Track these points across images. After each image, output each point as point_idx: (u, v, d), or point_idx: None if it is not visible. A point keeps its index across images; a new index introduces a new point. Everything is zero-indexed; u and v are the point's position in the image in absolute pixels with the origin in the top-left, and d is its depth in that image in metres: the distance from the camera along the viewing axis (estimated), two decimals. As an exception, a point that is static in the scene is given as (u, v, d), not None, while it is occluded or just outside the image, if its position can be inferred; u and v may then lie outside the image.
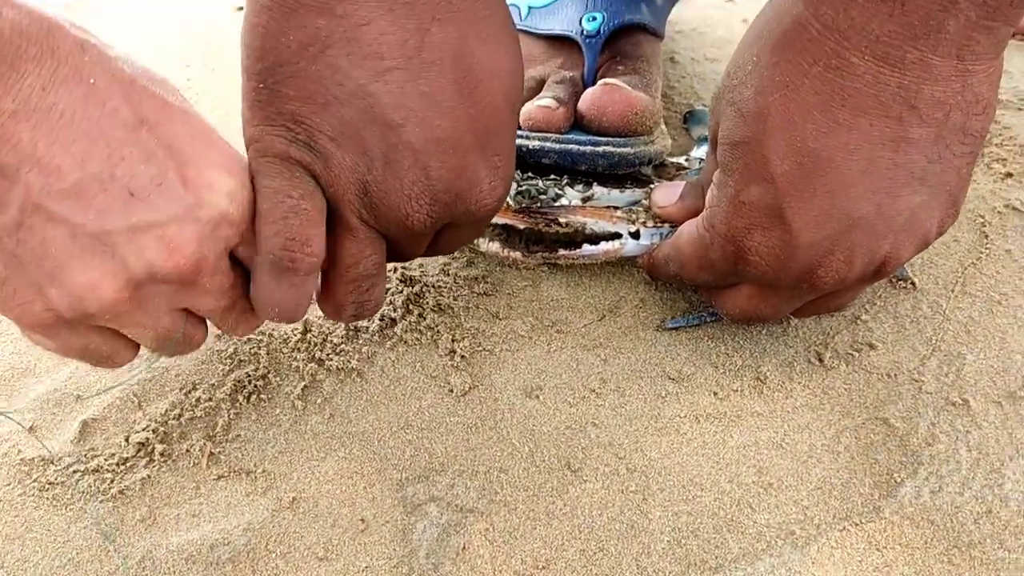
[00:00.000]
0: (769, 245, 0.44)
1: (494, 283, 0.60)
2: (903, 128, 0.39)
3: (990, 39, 0.37)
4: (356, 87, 0.37)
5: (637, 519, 0.47)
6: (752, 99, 0.42)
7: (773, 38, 0.41)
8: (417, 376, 0.54)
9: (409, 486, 0.49)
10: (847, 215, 0.41)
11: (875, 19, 0.37)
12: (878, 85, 0.38)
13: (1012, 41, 0.86)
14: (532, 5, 0.64)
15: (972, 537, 0.45)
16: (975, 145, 0.40)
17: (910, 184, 0.41)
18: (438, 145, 0.39)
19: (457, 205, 0.42)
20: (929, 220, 0.42)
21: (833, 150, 0.40)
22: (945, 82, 0.38)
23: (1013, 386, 0.51)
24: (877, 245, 0.42)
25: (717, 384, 0.53)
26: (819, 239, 0.42)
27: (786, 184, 0.42)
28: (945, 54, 0.37)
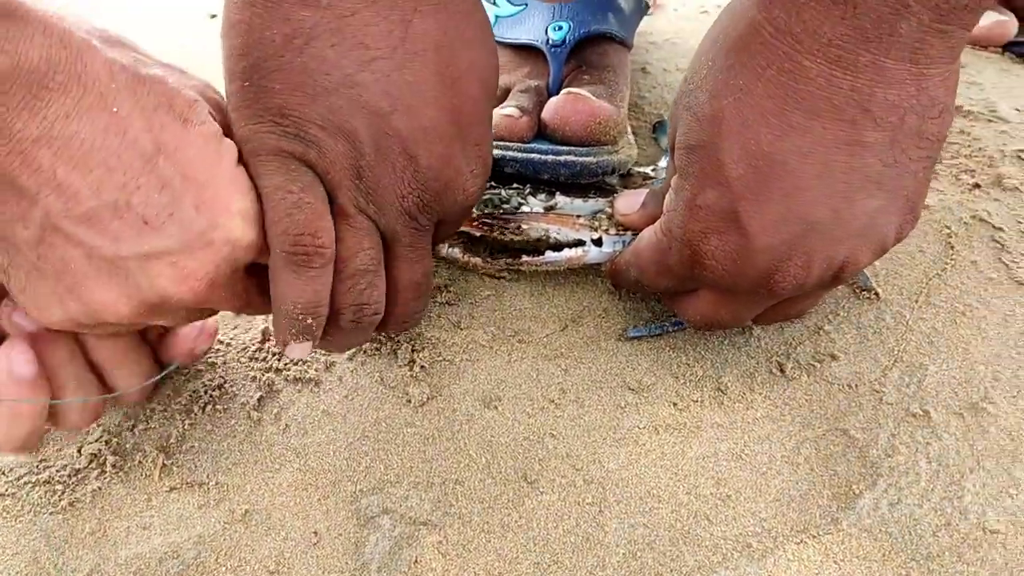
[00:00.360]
0: (725, 249, 0.43)
1: (457, 292, 0.59)
2: (857, 131, 0.39)
3: (944, 43, 0.36)
4: (343, 76, 0.38)
5: (593, 531, 0.46)
6: (707, 103, 0.42)
7: (728, 42, 0.41)
8: (375, 386, 0.54)
9: (363, 498, 0.48)
10: (803, 219, 0.41)
11: (827, 22, 0.37)
12: (831, 88, 0.38)
13: (983, 53, 0.86)
14: (499, 14, 0.64)
15: (931, 550, 0.45)
16: (932, 150, 0.40)
17: (866, 188, 0.40)
18: (425, 134, 0.40)
19: (446, 195, 0.42)
20: (887, 225, 0.42)
21: (787, 154, 0.40)
22: (899, 86, 0.37)
23: (975, 397, 0.51)
24: (834, 250, 0.42)
25: (677, 395, 0.52)
26: (775, 243, 0.42)
27: (741, 188, 0.41)
28: (898, 57, 0.37)
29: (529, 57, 0.63)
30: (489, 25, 0.44)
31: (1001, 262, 0.59)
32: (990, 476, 0.47)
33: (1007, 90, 0.78)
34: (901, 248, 0.60)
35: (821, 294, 0.48)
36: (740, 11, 0.41)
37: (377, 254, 0.43)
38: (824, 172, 0.40)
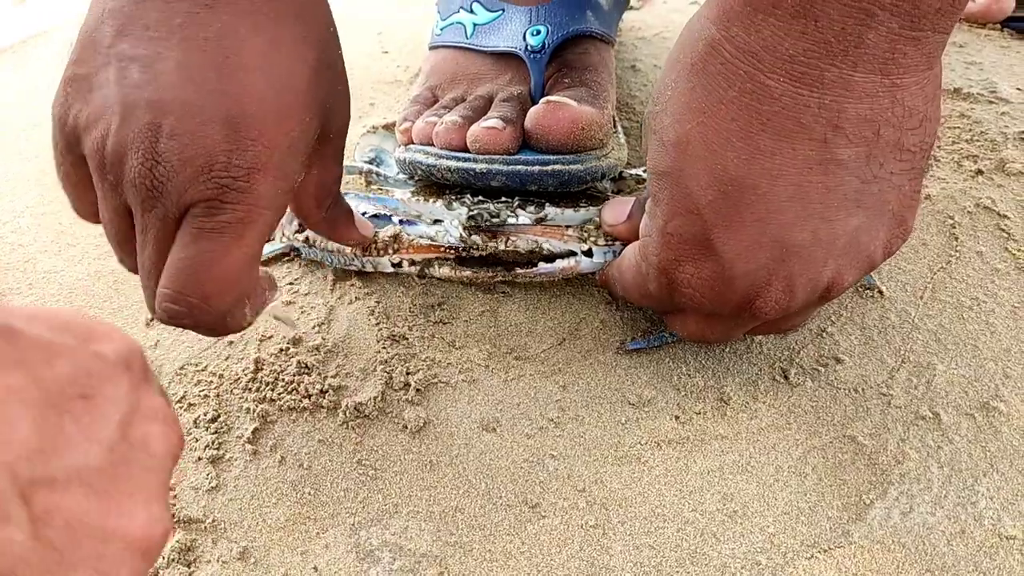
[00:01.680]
0: (702, 277, 0.42)
1: (451, 310, 0.58)
2: (829, 150, 0.37)
3: (918, 50, 0.35)
4: (118, 51, 0.39)
5: (597, 555, 0.45)
6: (671, 127, 0.40)
7: (688, 62, 0.39)
8: (372, 412, 0.52)
9: (362, 530, 0.47)
10: (780, 243, 0.39)
11: (788, 38, 0.35)
12: (797, 107, 0.36)
13: (981, 31, 0.84)
14: (476, 22, 0.62)
15: (945, 560, 0.43)
16: (915, 161, 0.38)
17: (845, 207, 0.38)
18: (178, 106, 0.38)
19: (185, 174, 0.38)
20: (872, 242, 0.40)
21: (757, 177, 0.38)
22: (871, 99, 0.36)
23: (985, 396, 0.50)
24: (818, 272, 0.40)
25: (679, 407, 0.51)
26: (754, 269, 0.40)
27: (712, 215, 0.40)
28: (868, 70, 0.35)
29: (510, 64, 0.61)
30: (320, 41, 0.42)
31: (1007, 251, 0.57)
32: (1004, 479, 0.46)
33: (1007, 68, 0.77)
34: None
35: (811, 312, 0.47)
36: (698, 29, 0.39)
37: (121, 223, 0.42)
38: (798, 194, 0.38)
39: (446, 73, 0.64)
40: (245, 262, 0.41)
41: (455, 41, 0.64)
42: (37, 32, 1.07)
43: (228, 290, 0.41)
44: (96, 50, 0.40)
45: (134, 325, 0.60)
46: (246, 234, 0.40)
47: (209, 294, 0.40)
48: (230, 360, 0.56)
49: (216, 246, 0.39)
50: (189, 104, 0.38)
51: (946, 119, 0.69)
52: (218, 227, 0.39)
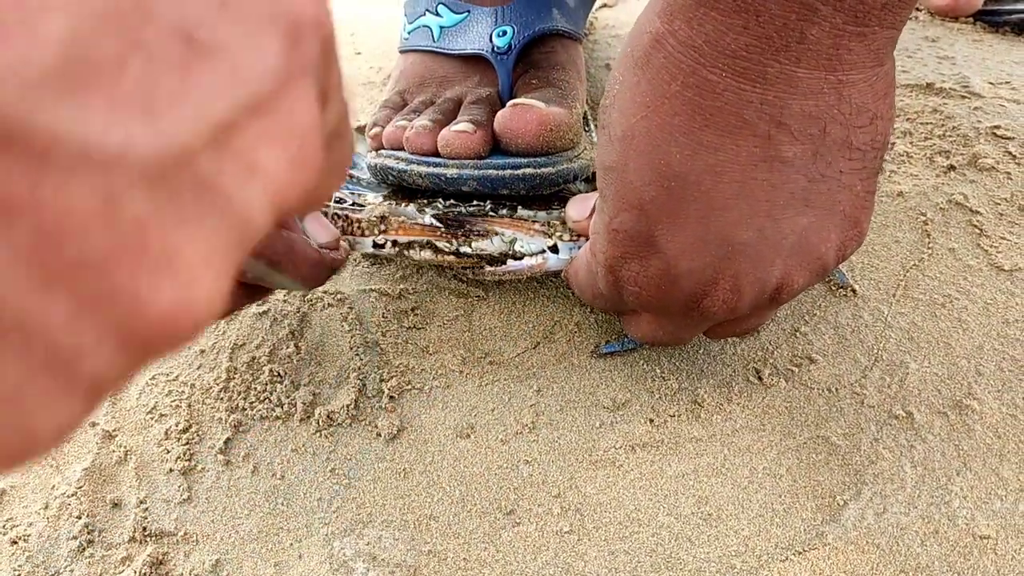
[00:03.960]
0: (647, 275, 0.41)
1: (424, 315, 0.58)
2: (773, 147, 0.36)
3: (865, 46, 0.34)
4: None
5: (572, 561, 0.45)
6: (617, 122, 0.39)
7: (634, 56, 0.38)
8: (344, 420, 0.52)
9: (336, 540, 0.47)
10: (726, 241, 0.38)
11: (729, 33, 0.34)
12: (740, 103, 0.35)
13: (954, 24, 0.84)
14: (443, 25, 0.62)
15: (920, 560, 0.43)
16: (867, 160, 0.37)
17: (793, 205, 0.38)
18: None
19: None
20: (823, 243, 0.39)
21: (700, 173, 0.37)
22: (816, 96, 0.35)
23: (959, 394, 0.50)
24: (765, 271, 0.39)
25: (653, 410, 0.51)
26: (699, 267, 0.39)
27: (655, 211, 0.39)
28: (811, 66, 0.34)
29: (478, 66, 0.61)
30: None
31: (980, 247, 0.57)
32: (977, 478, 0.46)
33: (980, 62, 0.77)
34: (876, 239, 0.59)
35: (766, 314, 0.46)
36: (645, 23, 0.38)
37: None
38: (743, 191, 0.37)
39: (415, 77, 0.63)
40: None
41: (423, 45, 0.63)
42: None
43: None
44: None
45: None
46: None
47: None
48: (202, 369, 0.56)
49: None
50: None
51: (918, 114, 0.69)
52: None
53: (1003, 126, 0.66)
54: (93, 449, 0.52)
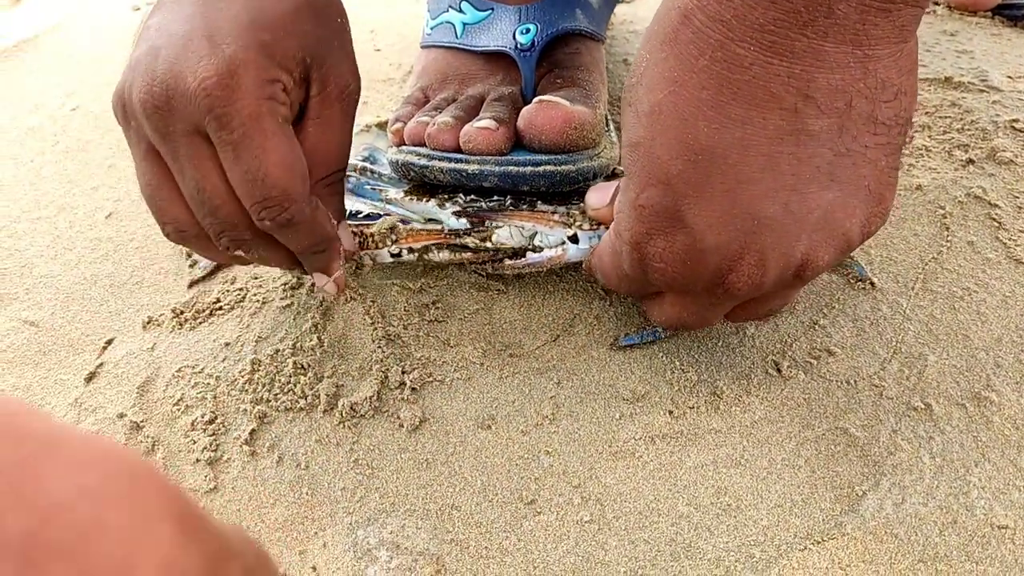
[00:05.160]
0: (673, 251, 0.41)
1: (445, 308, 0.58)
2: (800, 120, 0.36)
3: (890, 22, 0.34)
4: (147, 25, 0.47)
5: (593, 551, 0.45)
6: (644, 97, 0.40)
7: (662, 32, 0.39)
8: (368, 411, 0.53)
9: (359, 529, 0.48)
10: (752, 215, 0.38)
11: (758, 7, 0.34)
12: (768, 76, 0.35)
13: (972, 18, 0.84)
14: (466, 21, 0.62)
15: (938, 550, 0.44)
16: (891, 136, 0.37)
17: (818, 180, 0.38)
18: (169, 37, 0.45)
19: (180, 82, 0.43)
20: (849, 219, 0.39)
21: (728, 147, 0.37)
22: (842, 70, 0.35)
23: (977, 386, 0.50)
24: (791, 246, 0.40)
25: (672, 402, 0.51)
26: (725, 242, 0.40)
27: (682, 185, 0.39)
28: (838, 40, 0.34)
29: (500, 63, 0.62)
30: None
31: (999, 240, 0.58)
32: (996, 469, 0.46)
33: (998, 57, 0.77)
34: (895, 233, 0.59)
35: (790, 293, 0.46)
36: (672, 1, 0.38)
37: (150, 167, 0.47)
38: (769, 164, 0.37)
39: (437, 73, 0.64)
40: (288, 147, 0.46)
41: (445, 41, 0.64)
42: (29, 37, 1.07)
43: (293, 175, 0.46)
44: (139, 33, 0.46)
45: (131, 328, 0.61)
46: (267, 125, 0.44)
47: (283, 186, 0.45)
48: (227, 362, 0.57)
49: (254, 147, 0.44)
50: (176, 36, 0.44)
51: (937, 108, 0.69)
52: (241, 131, 0.44)
53: (1022, 120, 0.66)
54: (121, 440, 0.53)
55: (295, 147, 0.46)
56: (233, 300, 0.61)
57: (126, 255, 0.68)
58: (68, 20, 1.12)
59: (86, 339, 0.61)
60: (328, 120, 0.49)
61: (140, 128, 0.45)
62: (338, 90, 0.49)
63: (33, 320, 0.63)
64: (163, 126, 0.44)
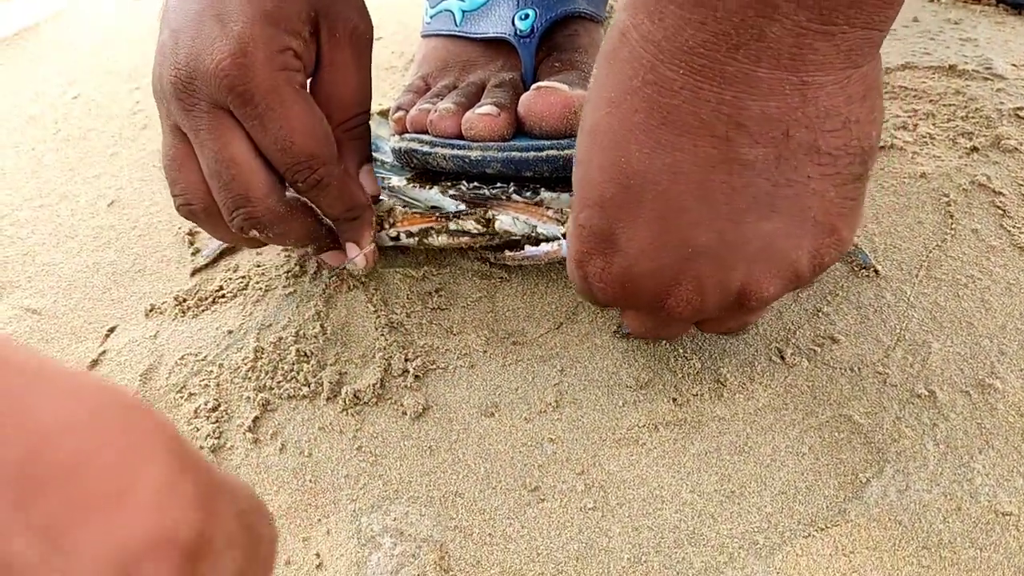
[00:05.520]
0: (611, 273, 0.40)
1: (448, 296, 0.58)
2: (732, 149, 0.34)
3: (832, 46, 0.32)
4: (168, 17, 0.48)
5: (596, 538, 0.46)
6: (587, 115, 0.38)
7: (604, 50, 0.37)
8: (371, 399, 0.53)
9: (363, 516, 0.48)
10: (685, 243, 0.37)
11: (688, 28, 0.32)
12: (697, 102, 0.34)
13: (976, 7, 0.84)
14: (465, 9, 0.62)
15: (942, 537, 0.44)
16: (840, 166, 0.35)
17: (756, 210, 0.36)
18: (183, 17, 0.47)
19: (198, 70, 0.45)
20: (794, 250, 0.37)
21: (658, 173, 0.36)
22: (778, 97, 0.33)
23: (981, 374, 0.50)
24: (727, 276, 0.38)
25: (676, 390, 0.51)
26: (659, 268, 0.38)
27: (615, 209, 0.38)
28: (772, 65, 0.32)
29: (500, 50, 0.61)
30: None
31: (1003, 228, 0.57)
32: (1000, 456, 0.46)
33: (1003, 45, 0.76)
34: (899, 220, 0.59)
35: (746, 317, 0.44)
36: (617, 16, 0.37)
37: (173, 140, 0.49)
38: (701, 193, 0.36)
39: (437, 61, 0.64)
40: (308, 113, 0.48)
41: (445, 29, 0.64)
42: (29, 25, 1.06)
43: (317, 139, 0.48)
44: (162, 15, 0.49)
45: (133, 316, 0.61)
46: (285, 96, 0.47)
47: (310, 150, 0.48)
48: (230, 349, 0.57)
49: (277, 117, 0.46)
50: (191, 14, 0.46)
51: (941, 96, 0.69)
52: (263, 105, 0.46)
53: (1027, 107, 0.65)
54: (124, 427, 0.53)
55: (315, 112, 0.48)
56: (236, 288, 0.61)
57: (128, 243, 0.68)
58: (69, 8, 1.12)
59: (88, 327, 0.61)
60: (341, 65, 0.50)
61: (170, 109, 0.48)
62: (347, 34, 0.50)
63: (35, 308, 0.63)
64: (189, 105, 0.46)
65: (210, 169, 0.47)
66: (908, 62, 0.73)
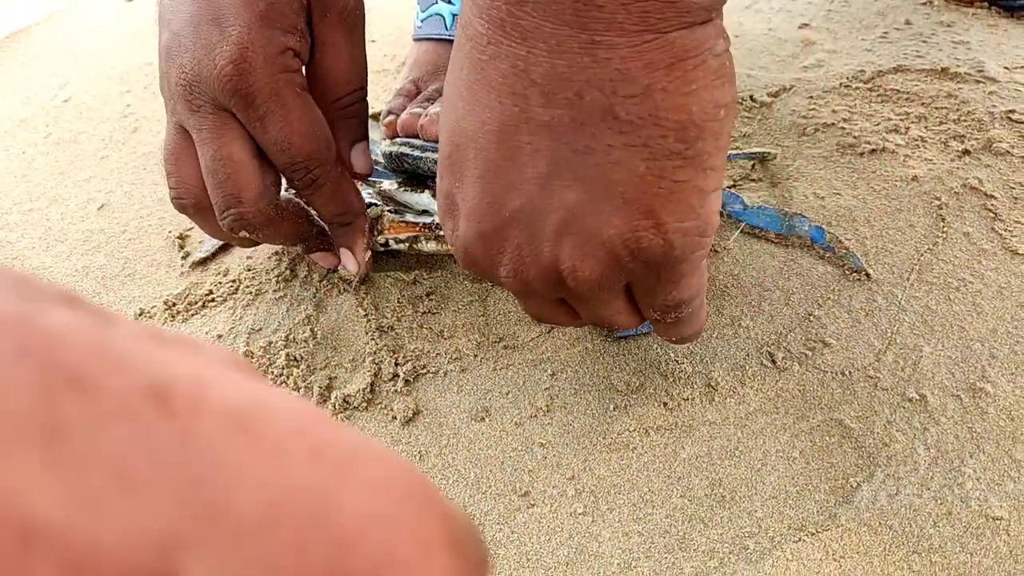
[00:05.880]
0: (456, 237, 0.40)
1: (439, 300, 0.58)
2: (531, 108, 0.33)
3: (621, 5, 0.30)
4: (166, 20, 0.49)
5: (586, 542, 0.45)
6: (446, 81, 0.39)
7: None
8: (360, 404, 0.53)
9: (352, 522, 0.47)
10: (501, 206, 0.36)
11: None
12: (500, 57, 0.33)
13: (969, 9, 0.84)
14: (455, 12, 0.62)
15: (932, 541, 0.43)
16: (647, 139, 0.33)
17: (559, 176, 0.34)
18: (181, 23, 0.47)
19: (202, 72, 0.46)
20: (603, 227, 0.35)
21: (476, 131, 0.35)
22: (567, 55, 0.32)
23: (972, 377, 0.50)
24: (540, 247, 0.37)
25: (667, 394, 0.51)
26: (485, 232, 0.38)
27: (450, 168, 0.38)
28: (557, 21, 0.31)
29: None
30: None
31: (995, 231, 0.57)
32: (991, 460, 0.46)
33: (995, 47, 0.76)
34: (891, 223, 0.59)
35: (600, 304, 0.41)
36: None
37: (176, 136, 0.50)
38: (511, 153, 0.35)
39: (428, 65, 0.63)
40: (308, 116, 0.49)
41: (436, 33, 0.64)
42: (21, 28, 1.06)
43: (315, 141, 0.49)
44: (159, 14, 0.49)
45: (123, 320, 0.60)
46: (286, 98, 0.47)
47: (308, 151, 0.49)
48: (219, 354, 0.56)
49: (277, 119, 0.47)
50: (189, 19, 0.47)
51: (933, 99, 0.69)
52: (264, 108, 0.47)
53: (1018, 110, 0.65)
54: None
55: (314, 114, 0.49)
56: (226, 291, 0.61)
57: (118, 247, 0.68)
58: (61, 12, 1.11)
59: (78, 331, 0.60)
60: (332, 44, 0.50)
61: (175, 107, 0.49)
62: (337, 13, 0.50)
63: (24, 312, 0.62)
64: (195, 106, 0.47)
65: (208, 167, 0.48)
66: (900, 65, 0.73)
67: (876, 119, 0.68)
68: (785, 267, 0.57)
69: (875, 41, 0.80)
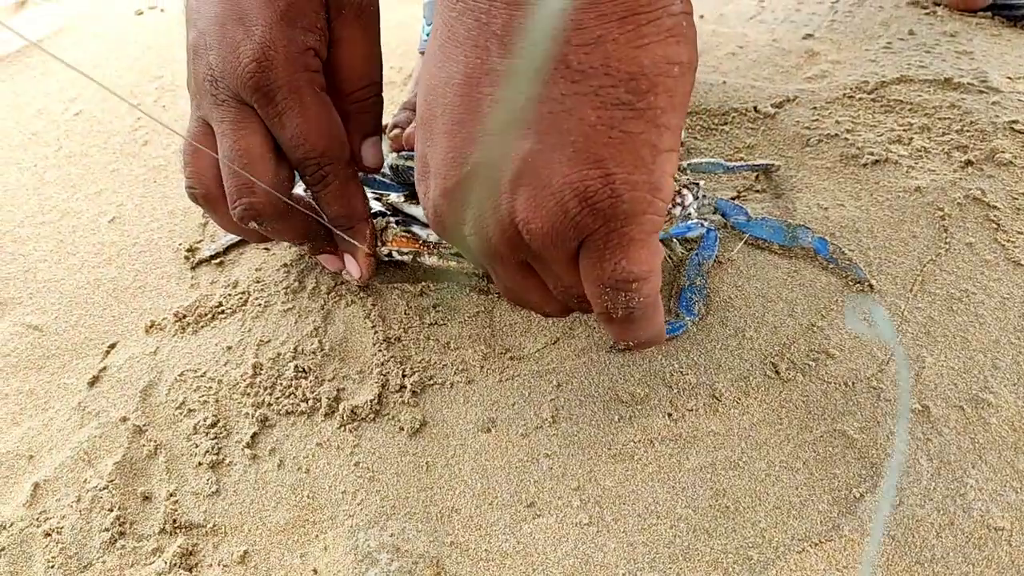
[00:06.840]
0: (428, 197, 0.41)
1: (446, 312, 0.59)
2: (490, 59, 0.35)
3: None
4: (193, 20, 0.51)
5: (592, 553, 0.46)
6: (426, 50, 0.41)
7: None
8: (368, 415, 0.53)
9: (360, 532, 0.48)
10: (464, 158, 0.37)
11: None
12: (466, 12, 0.35)
13: (972, 19, 0.84)
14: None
15: (935, 552, 0.44)
16: (597, 88, 0.34)
17: (516, 125, 0.35)
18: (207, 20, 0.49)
19: (227, 67, 0.48)
20: (555, 177, 0.35)
21: (444, 86, 0.37)
22: (526, 7, 0.33)
23: (975, 388, 0.50)
24: (496, 200, 0.37)
25: (671, 404, 0.52)
26: (449, 187, 0.38)
27: (422, 126, 0.40)
28: None
29: None
30: None
31: (997, 242, 0.58)
32: (993, 471, 0.46)
33: (998, 57, 0.77)
34: (894, 234, 0.59)
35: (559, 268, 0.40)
36: None
37: (197, 126, 0.52)
38: (472, 105, 0.36)
39: (433, 78, 0.64)
40: (325, 115, 0.50)
41: (442, 46, 0.64)
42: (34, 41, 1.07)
43: (330, 139, 0.51)
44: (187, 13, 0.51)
45: (134, 332, 0.61)
46: (305, 97, 0.49)
47: (322, 149, 0.51)
48: (228, 365, 0.57)
49: (295, 116, 0.49)
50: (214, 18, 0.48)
51: (936, 109, 0.69)
52: (283, 105, 0.48)
53: (1021, 121, 0.66)
54: (124, 444, 0.53)
55: (330, 114, 0.51)
56: (235, 304, 0.61)
57: (129, 259, 0.68)
58: (72, 25, 1.12)
59: (89, 343, 0.61)
60: (348, 40, 0.52)
61: (200, 102, 0.51)
62: (352, 9, 0.51)
63: (37, 324, 0.63)
64: (219, 100, 0.49)
65: (226, 156, 0.50)
66: (904, 75, 0.74)
67: (879, 130, 0.68)
68: (789, 278, 0.57)
69: (879, 52, 0.80)
